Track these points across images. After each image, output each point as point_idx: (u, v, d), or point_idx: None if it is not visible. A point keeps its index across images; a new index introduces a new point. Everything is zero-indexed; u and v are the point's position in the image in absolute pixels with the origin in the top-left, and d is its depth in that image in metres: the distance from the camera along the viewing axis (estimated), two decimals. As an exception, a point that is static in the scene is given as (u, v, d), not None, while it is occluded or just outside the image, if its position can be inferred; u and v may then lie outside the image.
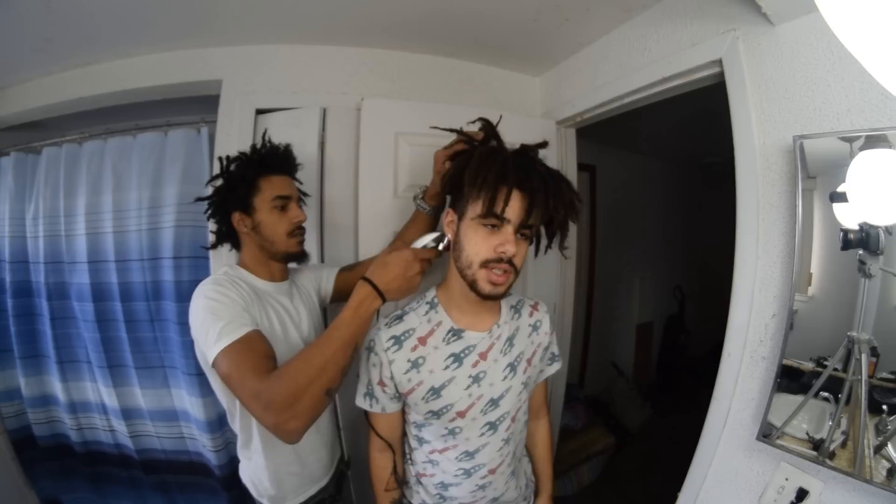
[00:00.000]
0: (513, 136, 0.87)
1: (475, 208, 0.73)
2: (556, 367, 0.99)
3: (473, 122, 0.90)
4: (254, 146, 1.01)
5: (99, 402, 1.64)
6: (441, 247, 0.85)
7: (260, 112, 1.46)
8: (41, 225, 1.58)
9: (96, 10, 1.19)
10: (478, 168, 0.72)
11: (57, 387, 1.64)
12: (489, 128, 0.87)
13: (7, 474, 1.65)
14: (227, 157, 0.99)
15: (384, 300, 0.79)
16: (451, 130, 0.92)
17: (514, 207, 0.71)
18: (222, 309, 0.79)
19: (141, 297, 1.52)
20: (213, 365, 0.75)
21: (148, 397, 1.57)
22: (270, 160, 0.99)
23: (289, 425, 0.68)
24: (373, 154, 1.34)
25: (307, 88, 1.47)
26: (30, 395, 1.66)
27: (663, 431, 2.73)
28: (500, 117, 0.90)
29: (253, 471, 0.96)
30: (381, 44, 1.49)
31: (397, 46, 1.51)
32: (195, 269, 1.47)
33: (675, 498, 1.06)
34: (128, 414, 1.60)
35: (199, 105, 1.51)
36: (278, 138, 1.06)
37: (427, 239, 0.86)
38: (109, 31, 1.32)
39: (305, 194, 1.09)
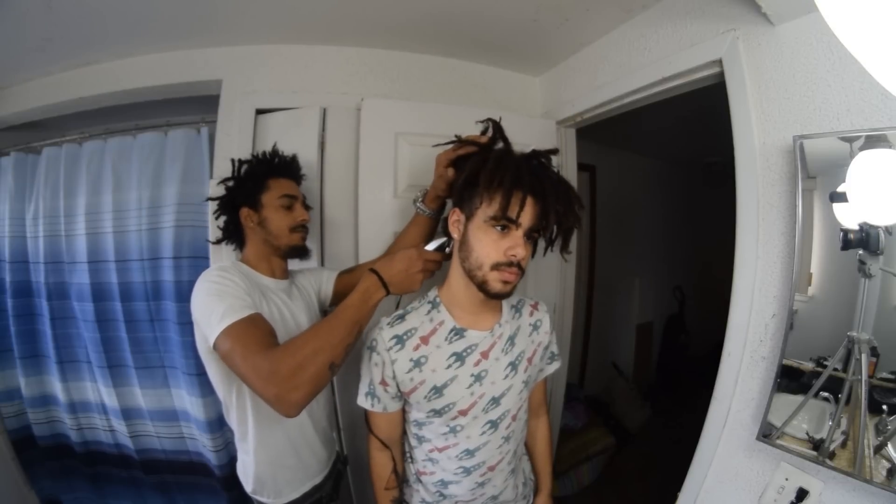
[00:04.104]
0: (513, 136, 0.87)
1: (488, 210, 0.74)
2: (555, 365, 1.00)
3: (483, 121, 0.90)
4: (264, 151, 1.08)
5: (99, 402, 1.64)
6: (448, 250, 0.88)
7: (260, 112, 1.46)
8: (41, 225, 1.58)
9: (96, 10, 1.19)
10: (494, 171, 0.73)
11: (57, 387, 1.64)
12: (498, 129, 0.87)
13: (7, 474, 1.65)
14: (239, 160, 1.05)
15: (388, 292, 0.84)
16: (451, 142, 0.93)
17: (526, 212, 0.73)
18: (226, 292, 0.81)
19: (141, 297, 1.52)
20: (215, 345, 0.76)
21: (148, 397, 1.57)
22: (279, 164, 1.06)
23: (291, 396, 0.69)
24: (373, 154, 1.34)
25: (307, 88, 1.47)
26: (30, 395, 1.66)
27: (663, 431, 2.73)
28: (500, 118, 0.90)
29: (249, 464, 0.96)
30: (381, 44, 1.49)
31: (397, 46, 1.51)
32: (195, 269, 1.46)
33: (675, 498, 1.06)
34: (128, 414, 1.60)
35: (199, 105, 1.51)
36: (278, 138, 1.08)
37: (436, 243, 0.91)
38: (109, 31, 1.32)
39: (309, 207, 1.12)
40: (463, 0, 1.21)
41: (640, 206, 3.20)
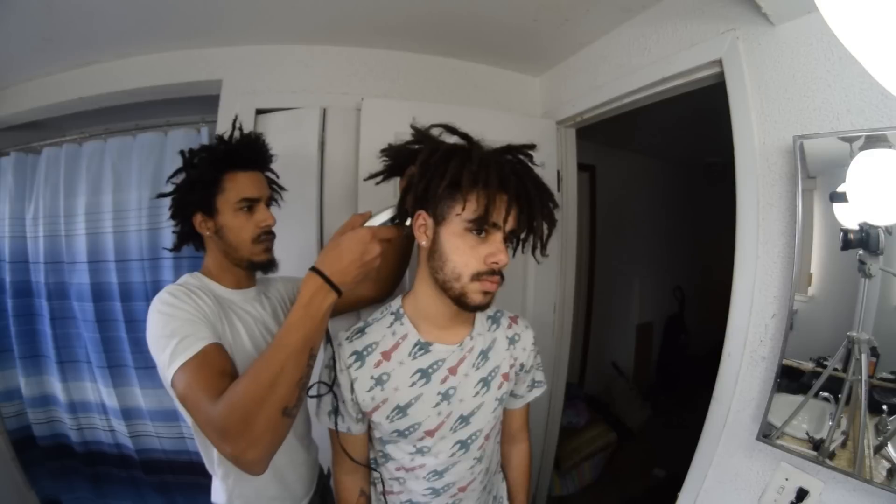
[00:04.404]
0: (513, 136, 0.87)
1: (466, 213, 0.66)
2: (536, 393, 0.93)
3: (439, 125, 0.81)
4: (220, 137, 0.90)
5: (99, 402, 1.64)
6: (398, 222, 0.75)
7: (260, 112, 1.46)
8: (41, 225, 1.58)
9: (96, 10, 1.19)
10: (477, 172, 0.65)
11: (57, 387, 1.64)
12: (450, 128, 0.80)
13: (7, 474, 1.65)
14: (191, 151, 0.90)
15: (339, 293, 0.69)
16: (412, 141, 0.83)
17: (512, 215, 0.68)
18: (174, 324, 0.72)
19: (141, 297, 1.52)
20: (172, 386, 0.69)
21: (148, 397, 1.56)
22: (237, 155, 0.88)
23: (247, 456, 0.60)
24: (373, 154, 1.34)
25: (307, 88, 1.47)
26: (30, 395, 1.66)
27: (663, 431, 2.73)
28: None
29: (227, 499, 0.86)
30: (381, 44, 1.49)
31: (397, 46, 1.51)
32: (195, 268, 1.45)
33: (675, 498, 1.06)
34: (128, 414, 1.60)
35: (199, 105, 1.51)
36: (278, 138, 1.04)
37: (385, 215, 0.76)
38: (109, 31, 1.32)
39: (281, 188, 1.00)
40: (463, 0, 1.21)
41: (641, 206, 3.20)
